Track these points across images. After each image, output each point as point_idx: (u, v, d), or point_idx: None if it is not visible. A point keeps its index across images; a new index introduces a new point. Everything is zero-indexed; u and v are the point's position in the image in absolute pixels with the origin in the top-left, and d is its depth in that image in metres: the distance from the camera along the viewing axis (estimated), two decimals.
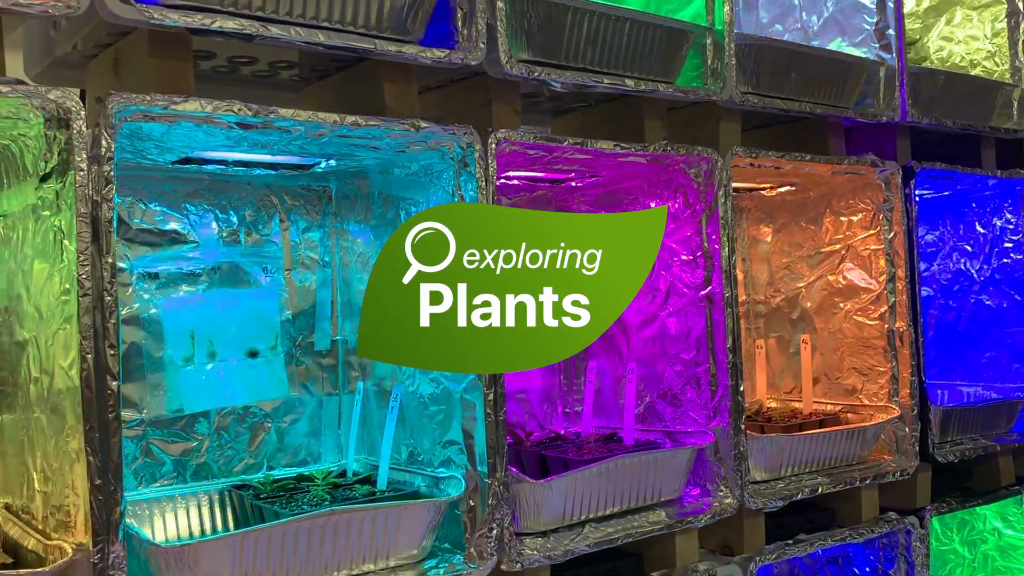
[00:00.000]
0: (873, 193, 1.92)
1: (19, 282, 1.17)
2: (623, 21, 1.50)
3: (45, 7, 1.01)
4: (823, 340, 2.02)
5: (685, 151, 1.56)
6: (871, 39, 1.92)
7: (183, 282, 1.46)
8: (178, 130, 1.17)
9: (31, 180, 1.12)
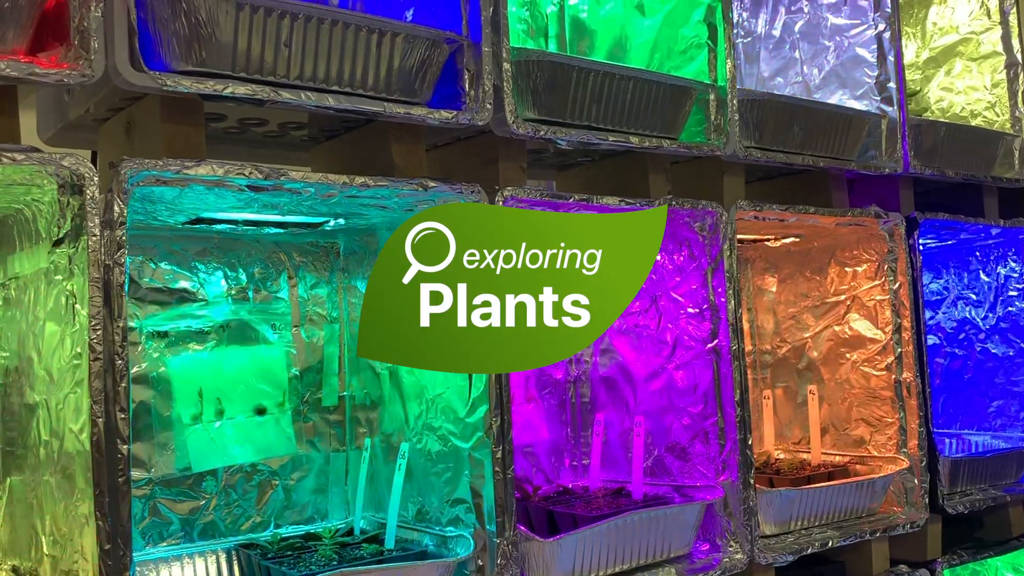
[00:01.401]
0: (877, 244, 1.93)
1: (30, 344, 1.18)
2: (627, 79, 1.52)
3: (60, 76, 1.03)
4: (830, 390, 2.01)
5: (690, 205, 1.57)
6: (872, 92, 1.94)
7: (192, 340, 1.47)
8: (190, 193, 1.19)
9: (44, 244, 1.13)
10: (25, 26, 1.06)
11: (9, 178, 1.04)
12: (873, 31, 1.93)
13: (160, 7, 1.10)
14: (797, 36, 2.08)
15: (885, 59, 1.92)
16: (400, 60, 1.28)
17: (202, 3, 1.10)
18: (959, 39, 2.31)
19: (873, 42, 1.94)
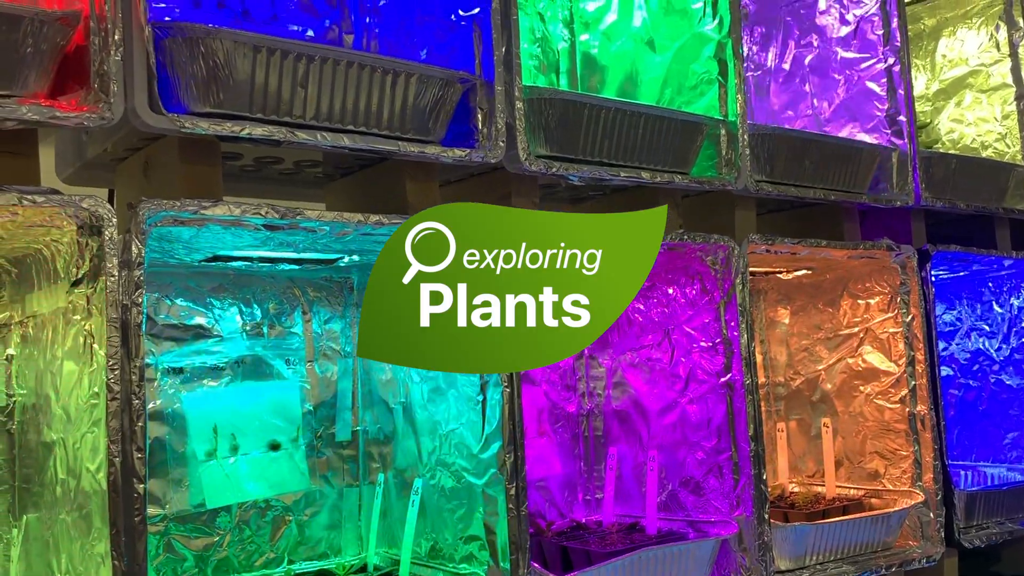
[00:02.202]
0: (890, 276, 1.93)
1: (47, 382, 1.19)
2: (638, 116, 1.53)
3: (80, 119, 1.05)
4: (844, 423, 2.01)
5: (702, 239, 1.58)
6: (882, 125, 1.95)
7: (207, 376, 1.47)
8: (206, 232, 1.20)
9: (62, 284, 1.14)
10: (46, 70, 1.08)
11: (29, 220, 1.05)
12: (883, 65, 1.94)
13: (178, 50, 1.12)
14: (807, 69, 2.09)
15: (895, 92, 1.93)
16: (414, 99, 1.29)
17: (220, 46, 1.12)
18: (969, 71, 2.32)
19: (883, 76, 1.95)
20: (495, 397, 1.35)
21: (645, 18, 1.81)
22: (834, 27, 2.03)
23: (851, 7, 2.00)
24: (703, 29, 1.68)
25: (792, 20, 2.12)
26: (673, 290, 1.71)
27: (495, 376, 1.35)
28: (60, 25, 1.07)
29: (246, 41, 1.13)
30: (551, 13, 1.93)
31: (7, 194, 1.00)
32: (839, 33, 2.02)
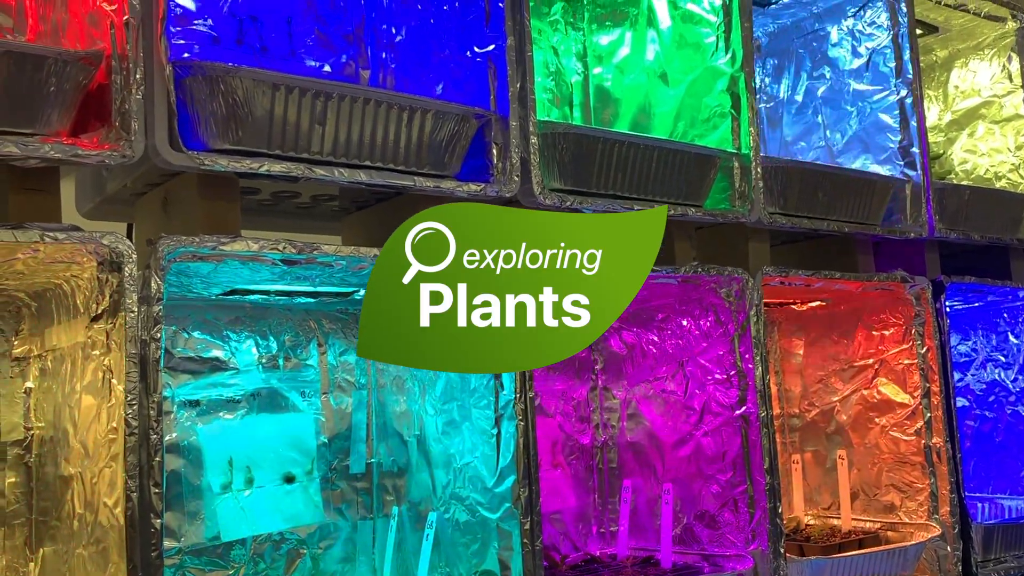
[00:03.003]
0: (904, 308, 1.92)
1: (66, 416, 1.20)
2: (651, 149, 1.54)
3: (102, 157, 1.06)
4: (859, 455, 2.00)
5: (716, 272, 1.58)
6: (895, 157, 1.95)
7: (223, 408, 1.48)
8: (225, 267, 1.21)
9: (81, 319, 1.15)
10: (69, 108, 1.09)
11: (51, 256, 1.07)
12: (895, 97, 1.95)
13: (198, 88, 1.14)
14: (820, 101, 2.10)
15: (908, 124, 1.94)
16: (430, 134, 1.31)
17: (239, 84, 1.13)
18: (981, 102, 2.32)
19: (896, 108, 1.95)
20: (509, 430, 1.35)
21: (658, 52, 1.82)
22: (846, 59, 2.05)
23: (863, 40, 2.01)
24: (716, 63, 1.69)
25: (804, 52, 2.13)
26: (687, 322, 1.71)
27: (510, 409, 1.36)
28: (83, 64, 1.08)
29: (265, 79, 1.15)
30: (564, 47, 1.95)
31: (29, 231, 1.01)
32: (851, 65, 2.04)
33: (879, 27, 1.98)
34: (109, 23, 1.10)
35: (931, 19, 2.23)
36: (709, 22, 1.71)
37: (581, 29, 1.97)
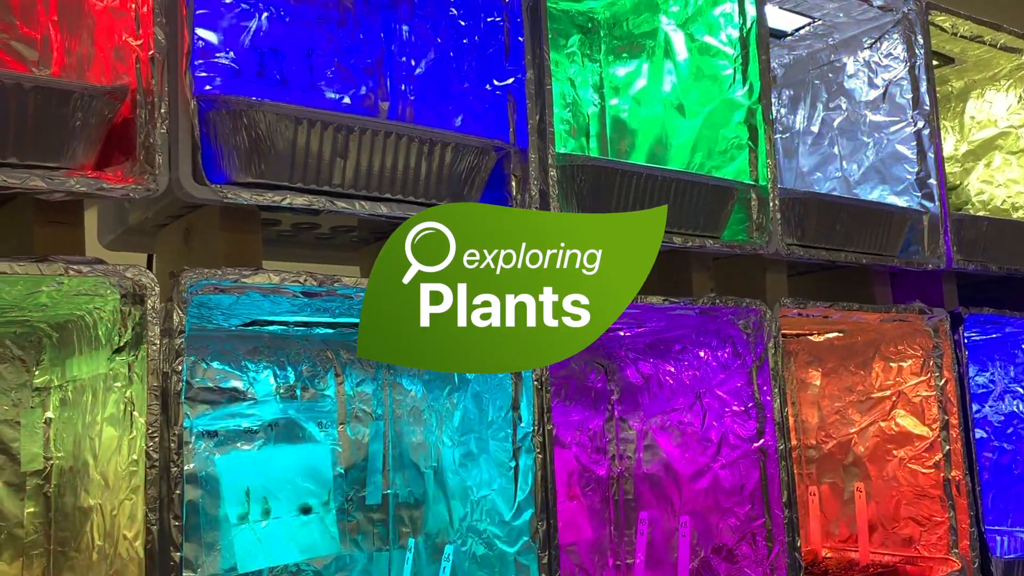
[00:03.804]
0: (922, 339, 1.91)
1: (86, 447, 1.20)
2: (669, 181, 1.54)
3: (126, 191, 1.07)
4: (877, 488, 1.98)
5: (734, 303, 1.58)
6: (913, 188, 1.95)
7: (240, 439, 1.48)
8: (246, 299, 1.21)
9: (103, 350, 1.15)
10: (94, 142, 1.10)
11: (75, 289, 1.07)
12: (912, 128, 1.95)
13: (222, 122, 1.15)
14: (836, 132, 2.10)
15: (925, 156, 1.94)
16: (450, 167, 1.31)
17: (262, 118, 1.14)
18: (998, 132, 2.32)
19: (912, 139, 1.95)
20: (528, 463, 1.35)
21: (675, 83, 1.83)
22: (863, 90, 2.05)
23: (879, 71, 2.02)
24: (733, 95, 1.70)
25: (820, 83, 2.14)
26: (704, 353, 1.71)
27: (528, 442, 1.35)
28: (108, 99, 1.09)
29: (288, 113, 1.16)
30: (581, 78, 1.96)
31: (54, 264, 1.02)
32: (868, 96, 2.04)
33: (895, 59, 1.99)
34: (135, 58, 1.12)
35: (947, 50, 2.23)
36: (726, 54, 1.72)
37: (598, 61, 1.98)
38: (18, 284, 1.03)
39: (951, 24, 2.08)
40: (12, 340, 1.32)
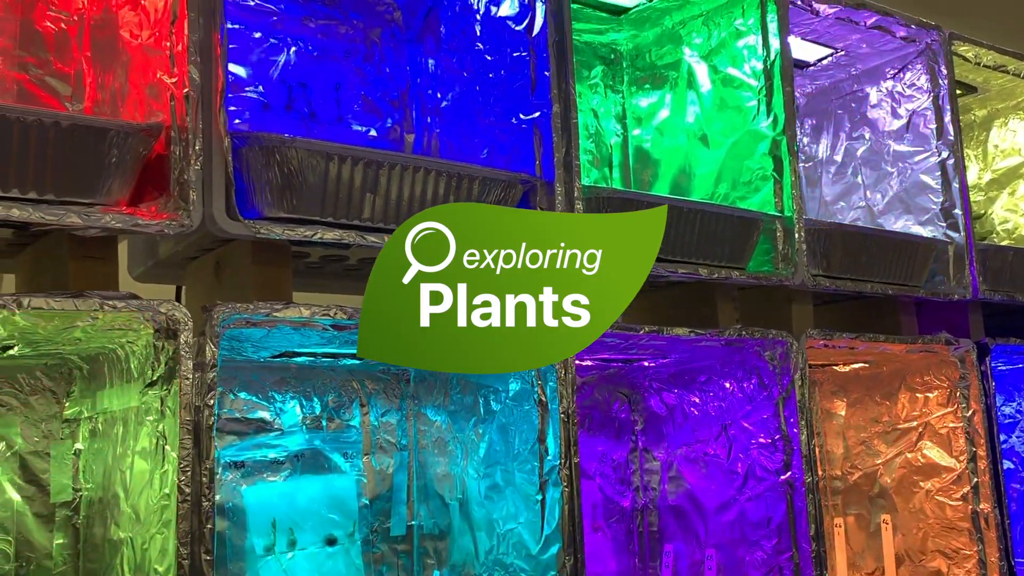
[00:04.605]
0: (948, 370, 1.90)
1: (116, 480, 1.20)
2: (694, 212, 1.54)
3: (161, 227, 1.08)
4: (904, 520, 1.96)
5: (760, 335, 1.58)
6: (937, 218, 1.94)
7: (267, 470, 1.49)
8: (276, 333, 1.22)
9: (135, 384, 1.16)
10: (129, 179, 1.12)
11: (109, 324, 1.08)
12: (936, 159, 1.95)
13: (254, 158, 1.16)
14: (859, 162, 2.10)
15: (950, 186, 1.93)
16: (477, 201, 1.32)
17: (294, 154, 1.15)
18: (1021, 161, 2.32)
19: (937, 169, 1.95)
20: (554, 496, 1.34)
21: (698, 114, 1.84)
22: (886, 120, 2.05)
23: (903, 101, 2.02)
24: (758, 126, 1.70)
25: (843, 113, 2.14)
26: (730, 384, 1.70)
27: (554, 475, 1.35)
28: (143, 136, 1.11)
29: (319, 149, 1.17)
30: (604, 109, 1.97)
31: (89, 299, 1.03)
32: (891, 126, 2.04)
33: (919, 89, 1.99)
34: (169, 95, 1.13)
35: (970, 80, 2.23)
36: (750, 86, 1.72)
37: (620, 92, 1.99)
38: (54, 319, 1.05)
39: (974, 54, 2.08)
40: (43, 372, 1.33)
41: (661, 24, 1.89)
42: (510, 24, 1.46)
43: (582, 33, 1.92)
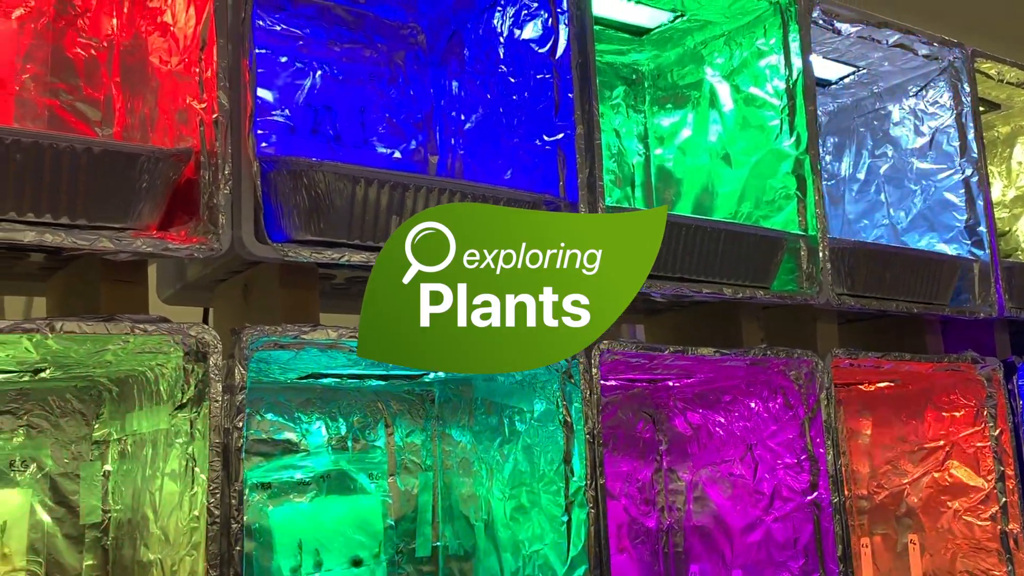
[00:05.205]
0: (975, 389, 1.89)
1: (145, 501, 1.21)
2: (718, 232, 1.54)
3: (191, 251, 1.09)
4: (932, 540, 1.94)
5: (785, 355, 1.57)
6: (962, 236, 1.94)
7: (293, 491, 1.49)
8: (304, 355, 1.23)
9: (164, 406, 1.17)
10: (159, 203, 1.13)
11: (140, 347, 1.09)
12: (960, 176, 1.94)
13: (282, 182, 1.17)
14: (882, 179, 2.10)
15: (974, 203, 1.92)
16: None
17: (322, 178, 1.17)
18: None
19: (961, 186, 1.94)
20: (580, 517, 1.34)
21: (720, 133, 1.84)
22: (909, 138, 2.05)
23: (926, 119, 2.01)
24: (780, 145, 1.71)
25: (866, 130, 2.14)
26: (755, 404, 1.70)
27: (580, 496, 1.35)
28: (174, 161, 1.12)
29: (346, 173, 1.18)
30: (626, 129, 1.98)
31: (120, 323, 1.04)
32: (914, 144, 2.03)
33: (942, 106, 1.98)
34: (198, 120, 1.15)
35: (993, 96, 2.22)
36: (772, 105, 1.73)
37: (642, 111, 2.00)
38: (86, 343, 1.06)
39: (997, 71, 2.07)
40: (73, 394, 1.35)
41: (683, 44, 1.89)
42: (533, 47, 1.47)
43: (604, 54, 1.93)
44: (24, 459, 1.31)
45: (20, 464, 1.31)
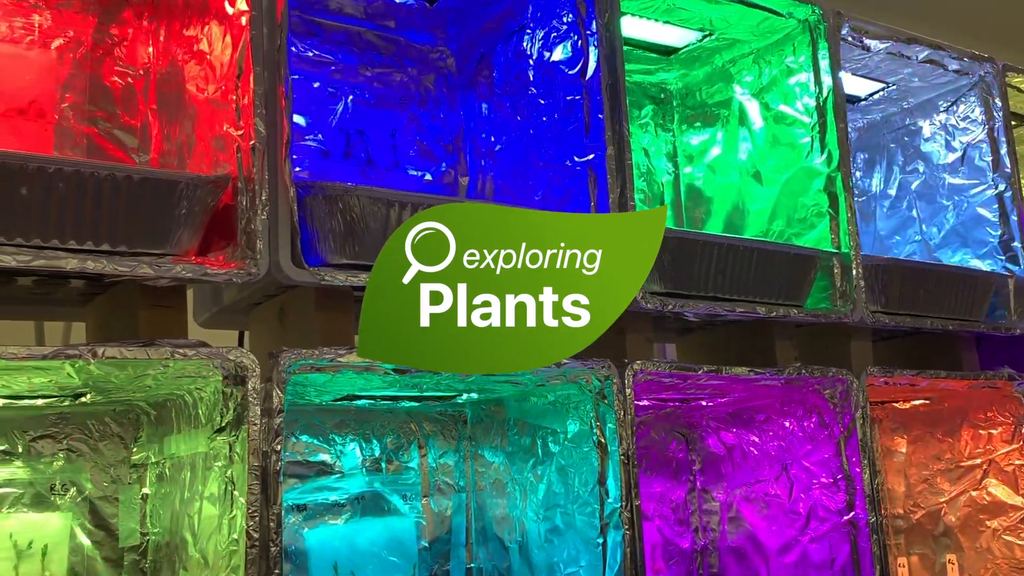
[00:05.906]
0: (1012, 406, 1.86)
1: (184, 524, 1.22)
2: (751, 251, 1.54)
3: (229, 276, 1.10)
4: (971, 560, 1.92)
5: (819, 373, 1.56)
6: (996, 251, 1.92)
7: (328, 513, 1.50)
8: (340, 377, 1.24)
9: (203, 430, 1.18)
10: (197, 229, 1.15)
11: (179, 371, 1.11)
12: (993, 191, 1.93)
13: (318, 206, 1.18)
14: (914, 195, 2.08)
15: (1007, 218, 1.91)
16: None
17: (356, 202, 1.18)
18: None
19: (994, 202, 1.93)
20: (616, 539, 1.34)
21: (750, 151, 1.84)
22: (940, 153, 2.03)
23: (957, 134, 2.00)
24: (811, 163, 1.70)
25: (896, 146, 2.13)
26: (790, 423, 1.69)
27: (616, 518, 1.34)
28: (212, 188, 1.14)
29: (380, 196, 1.19)
30: (655, 148, 1.98)
31: (160, 348, 1.06)
32: (945, 160, 2.02)
33: (973, 121, 1.97)
34: (235, 147, 1.16)
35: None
36: (803, 123, 1.72)
37: (671, 130, 2.00)
38: (127, 367, 1.07)
39: None
40: (111, 417, 1.36)
41: (711, 63, 1.90)
42: (563, 68, 1.48)
43: (632, 73, 1.93)
44: (64, 483, 1.32)
45: (60, 488, 1.32)
